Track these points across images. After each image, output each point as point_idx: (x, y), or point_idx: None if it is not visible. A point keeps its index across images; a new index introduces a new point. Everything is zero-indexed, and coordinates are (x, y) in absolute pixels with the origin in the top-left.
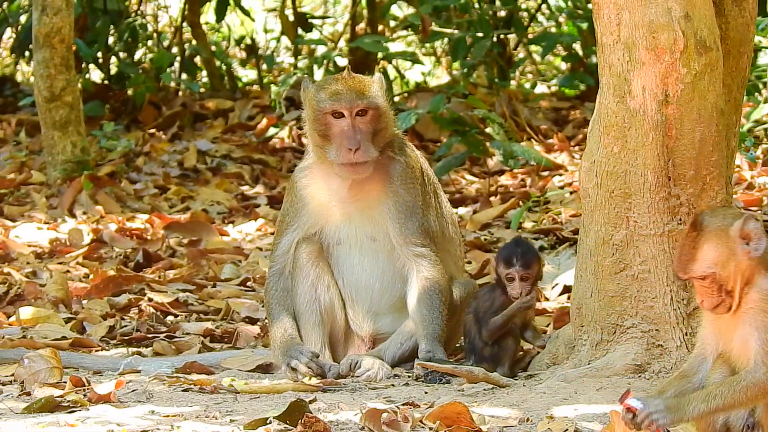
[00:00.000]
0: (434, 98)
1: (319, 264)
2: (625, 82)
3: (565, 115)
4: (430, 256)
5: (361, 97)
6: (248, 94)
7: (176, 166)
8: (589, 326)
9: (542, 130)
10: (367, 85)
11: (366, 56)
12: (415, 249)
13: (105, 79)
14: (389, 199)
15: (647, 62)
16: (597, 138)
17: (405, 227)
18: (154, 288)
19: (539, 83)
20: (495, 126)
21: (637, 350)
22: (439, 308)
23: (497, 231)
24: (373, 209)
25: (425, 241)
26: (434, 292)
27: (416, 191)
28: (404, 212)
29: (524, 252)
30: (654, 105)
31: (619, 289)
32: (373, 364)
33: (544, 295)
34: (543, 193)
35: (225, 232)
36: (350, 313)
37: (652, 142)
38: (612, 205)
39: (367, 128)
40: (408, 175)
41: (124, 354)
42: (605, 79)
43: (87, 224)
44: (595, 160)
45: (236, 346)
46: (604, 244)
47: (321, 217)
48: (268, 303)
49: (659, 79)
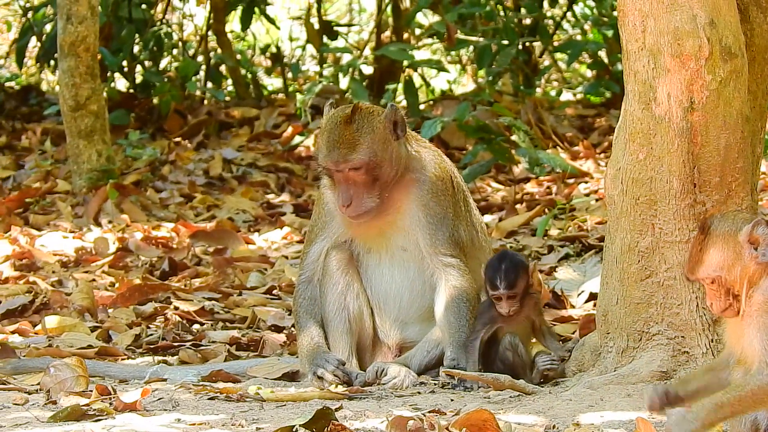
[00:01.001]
0: (460, 106)
1: (348, 272)
2: (650, 89)
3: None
4: (459, 266)
5: (348, 156)
6: (274, 103)
7: (202, 175)
8: (615, 333)
9: (568, 137)
10: (362, 135)
11: (391, 64)
12: (444, 259)
13: (130, 88)
14: (419, 211)
15: (672, 69)
16: (622, 145)
17: (435, 237)
18: (179, 296)
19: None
20: (520, 134)
21: (663, 357)
22: (466, 316)
23: (523, 238)
24: (404, 220)
25: (454, 252)
26: (462, 301)
27: (446, 202)
28: (434, 223)
29: (508, 270)
30: (679, 112)
31: (645, 296)
32: (399, 371)
33: (570, 303)
34: (569, 200)
35: (251, 241)
36: (378, 321)
37: (677, 149)
38: (637, 212)
39: (363, 180)
40: (438, 187)
41: (150, 362)
42: (630, 86)
43: (112, 233)
44: (621, 167)
45: (262, 355)
46: (629, 251)
47: (350, 228)
48: (296, 311)
49: (684, 86)
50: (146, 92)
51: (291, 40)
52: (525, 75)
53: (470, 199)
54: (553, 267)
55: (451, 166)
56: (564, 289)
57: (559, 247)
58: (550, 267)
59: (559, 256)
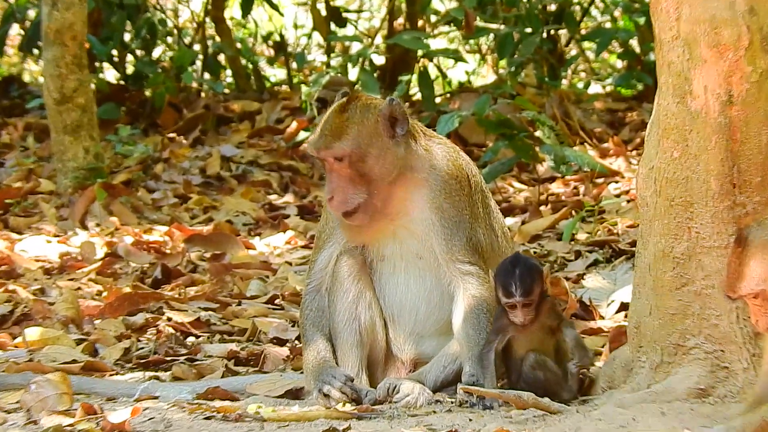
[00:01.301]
0: (479, 99)
1: (360, 279)
2: (685, 82)
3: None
4: (478, 274)
5: (330, 144)
6: (277, 95)
7: (198, 174)
8: (648, 347)
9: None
10: (348, 125)
11: (405, 54)
12: (462, 267)
13: (121, 79)
14: (433, 215)
15: (709, 60)
16: (655, 142)
17: (451, 243)
18: (173, 306)
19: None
20: (545, 129)
21: (701, 373)
22: (486, 328)
23: (548, 243)
24: (416, 225)
25: (473, 258)
26: (481, 311)
27: (462, 203)
28: (449, 227)
29: (523, 275)
30: (717, 106)
31: (681, 306)
32: (412, 388)
33: (599, 313)
34: (597, 201)
35: (251, 245)
36: (391, 334)
37: (715, 146)
38: (672, 214)
39: (346, 174)
40: (451, 187)
41: (140, 378)
42: (664, 78)
43: (100, 237)
44: (654, 166)
45: (263, 370)
46: (663, 257)
47: (362, 234)
48: (302, 323)
49: (722, 78)
50: (138, 84)
51: (296, 27)
52: (550, 65)
53: (491, 200)
54: (581, 274)
55: (468, 163)
56: (593, 298)
57: (587, 253)
58: (577, 274)
59: (588, 263)
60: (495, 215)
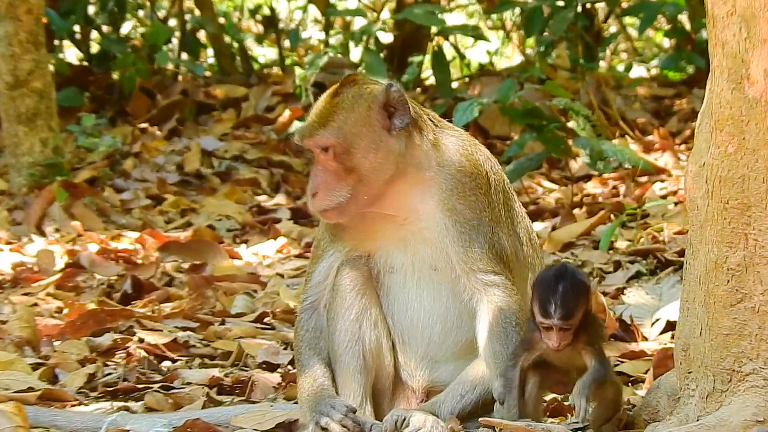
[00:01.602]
0: (503, 84)
1: (365, 294)
2: (742, 65)
3: (669, 105)
4: (504, 284)
5: (314, 131)
6: (266, 79)
7: (174, 171)
8: (699, 372)
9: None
10: (335, 112)
11: (416, 31)
12: (484, 277)
13: (84, 60)
14: (446, 219)
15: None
16: (707, 134)
17: (471, 251)
18: (145, 326)
19: (635, 65)
20: (579, 119)
21: (759, 402)
22: (516, 342)
23: (583, 252)
24: (431, 230)
25: (497, 267)
26: (509, 325)
27: (480, 204)
28: (467, 232)
29: (566, 294)
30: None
31: (736, 325)
32: (424, 421)
33: (642, 334)
34: (640, 204)
35: (236, 255)
36: (401, 358)
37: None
38: (726, 219)
39: (333, 168)
40: (466, 185)
41: (107, 410)
42: (717, 60)
43: (60, 244)
44: (705, 163)
45: (250, 400)
46: (716, 269)
47: (366, 241)
48: (296, 345)
49: None
50: (104, 65)
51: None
52: (585, 45)
53: (515, 202)
54: (621, 288)
55: (489, 158)
56: (634, 316)
57: (628, 264)
58: (616, 288)
59: (629, 275)
60: (520, 220)
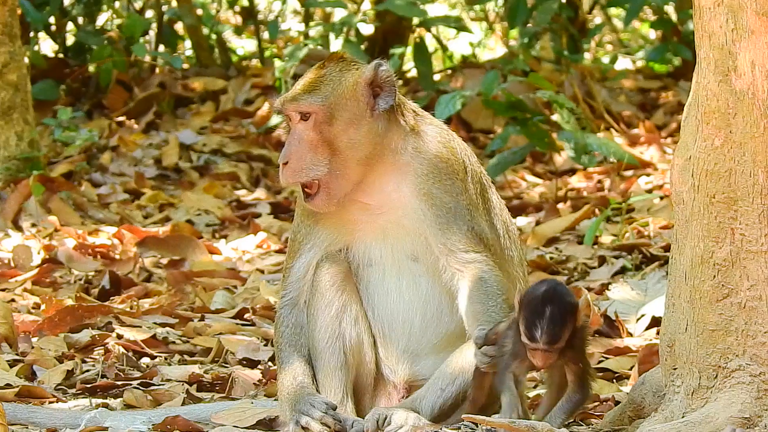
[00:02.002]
0: (486, 76)
1: (345, 289)
2: (729, 56)
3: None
4: (486, 261)
5: (297, 97)
6: (245, 72)
7: (152, 165)
8: (684, 369)
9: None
10: (324, 80)
11: (398, 23)
12: (464, 256)
13: (60, 52)
14: (423, 204)
15: (758, 30)
16: (694, 128)
17: (449, 233)
18: (124, 322)
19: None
20: (564, 112)
21: (745, 399)
22: (498, 301)
23: (567, 247)
24: (408, 218)
25: (477, 247)
26: (491, 288)
27: (456, 188)
28: (445, 215)
29: (553, 318)
30: (766, 85)
31: (722, 321)
32: (406, 419)
33: (627, 330)
34: (626, 198)
35: (216, 250)
36: (382, 353)
37: (763, 133)
38: (713, 213)
39: (309, 138)
40: (441, 170)
41: (86, 407)
42: (704, 52)
43: (37, 240)
44: (692, 156)
45: (231, 396)
46: (702, 264)
47: (344, 233)
48: (276, 343)
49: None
50: (80, 58)
51: None
52: (570, 36)
53: (493, 194)
54: (606, 284)
55: (465, 149)
56: (619, 312)
57: (613, 259)
58: (601, 284)
59: (614, 270)
60: (497, 212)
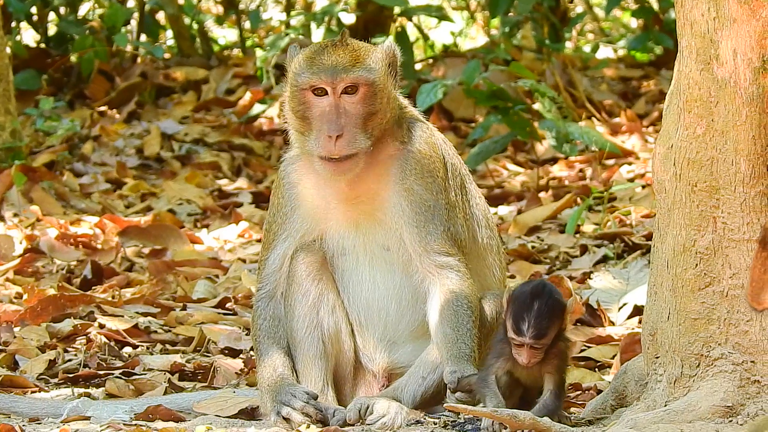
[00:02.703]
0: (467, 66)
1: (322, 279)
2: (711, 45)
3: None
4: (458, 267)
5: (348, 69)
6: (227, 61)
7: (134, 154)
8: (666, 357)
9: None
10: (362, 54)
11: (379, 12)
12: (437, 259)
13: (41, 42)
14: (402, 199)
15: (739, 19)
16: (675, 116)
17: (425, 232)
18: (106, 311)
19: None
20: (545, 101)
21: (728, 388)
22: (467, 326)
23: (548, 236)
24: (384, 211)
25: (451, 250)
26: (461, 307)
27: (437, 186)
28: (422, 214)
29: (541, 314)
30: (748, 73)
31: (705, 309)
32: (388, 408)
33: (609, 319)
34: (607, 187)
35: (197, 239)
36: (360, 341)
37: (745, 121)
38: (695, 202)
39: (356, 110)
40: (424, 166)
41: (68, 396)
42: (686, 40)
43: (19, 229)
44: (674, 145)
45: (213, 386)
46: (684, 252)
47: (318, 222)
48: (255, 335)
49: (755, 41)
50: (62, 48)
51: None
52: (551, 25)
53: (471, 185)
54: (588, 273)
55: (444, 142)
56: (601, 300)
57: (594, 248)
58: (583, 273)
59: (596, 259)
60: (477, 202)
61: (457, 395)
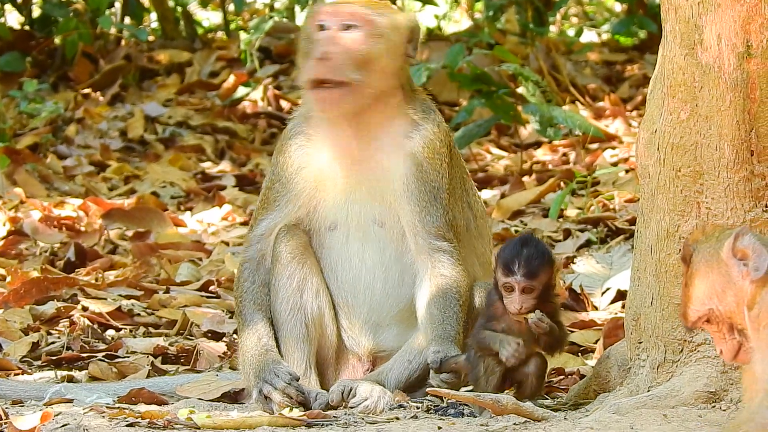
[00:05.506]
0: (451, 49)
1: (306, 262)
2: (695, 30)
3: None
4: (451, 253)
5: (350, 5)
6: (211, 44)
7: (118, 137)
8: (650, 342)
9: (590, 90)
10: (381, 4)
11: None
12: (433, 242)
13: (25, 24)
14: (410, 172)
15: (724, 4)
16: (659, 101)
17: (426, 212)
18: (89, 294)
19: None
20: (529, 85)
21: (711, 373)
22: (455, 309)
23: (532, 220)
24: (386, 182)
25: (447, 234)
26: (450, 291)
27: (443, 170)
28: (426, 193)
29: (530, 256)
30: (732, 59)
31: None
32: (371, 391)
33: (593, 304)
34: (591, 171)
35: (181, 222)
36: (344, 324)
37: (729, 107)
38: (679, 187)
39: (353, 45)
40: (435, 147)
41: (51, 379)
42: (670, 25)
43: (2, 212)
44: (657, 130)
45: (196, 369)
46: (668, 237)
47: (317, 189)
48: (239, 300)
49: (739, 26)
50: (46, 30)
51: None
52: (535, 9)
53: (467, 173)
54: (571, 257)
55: (452, 134)
56: (585, 285)
57: (578, 232)
58: (566, 257)
59: (579, 243)
60: (473, 192)
61: (441, 376)
